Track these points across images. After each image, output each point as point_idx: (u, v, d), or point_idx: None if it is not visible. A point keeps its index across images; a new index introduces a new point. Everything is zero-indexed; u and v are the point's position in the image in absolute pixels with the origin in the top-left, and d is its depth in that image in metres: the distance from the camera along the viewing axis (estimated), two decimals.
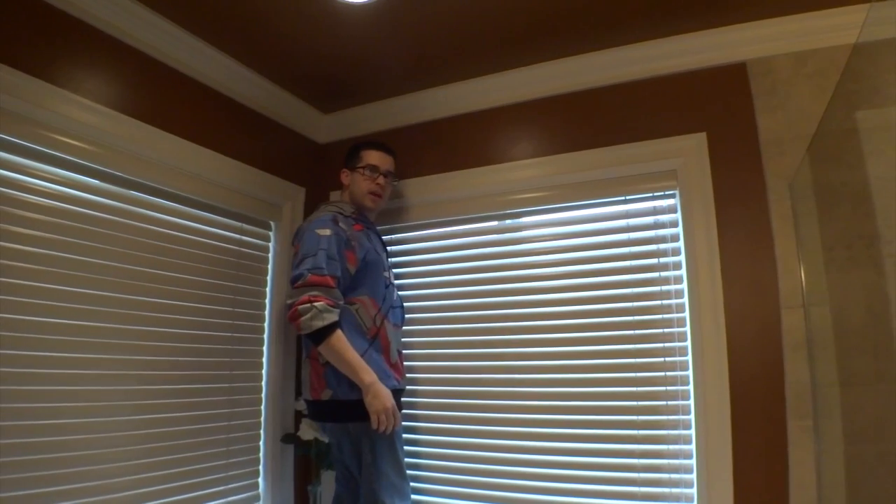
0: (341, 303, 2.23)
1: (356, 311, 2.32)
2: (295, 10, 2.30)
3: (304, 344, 2.43)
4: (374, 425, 2.15)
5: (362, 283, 2.36)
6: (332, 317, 2.14)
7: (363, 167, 2.54)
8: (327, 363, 2.23)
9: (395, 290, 2.56)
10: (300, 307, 2.12)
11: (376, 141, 2.67)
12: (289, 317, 2.16)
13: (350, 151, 2.63)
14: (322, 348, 2.16)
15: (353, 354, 2.17)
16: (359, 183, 2.54)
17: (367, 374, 2.17)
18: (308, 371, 2.35)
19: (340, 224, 2.35)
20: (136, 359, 2.25)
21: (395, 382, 2.35)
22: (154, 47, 2.37)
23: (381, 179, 2.56)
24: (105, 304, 2.16)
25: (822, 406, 2.11)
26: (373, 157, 2.57)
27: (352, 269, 2.32)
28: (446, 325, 2.87)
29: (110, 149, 2.21)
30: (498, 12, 2.33)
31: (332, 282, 2.19)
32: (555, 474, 2.51)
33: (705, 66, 2.47)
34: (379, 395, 2.16)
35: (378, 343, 2.35)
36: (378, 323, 2.36)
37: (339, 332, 2.16)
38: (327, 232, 2.28)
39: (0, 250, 1.87)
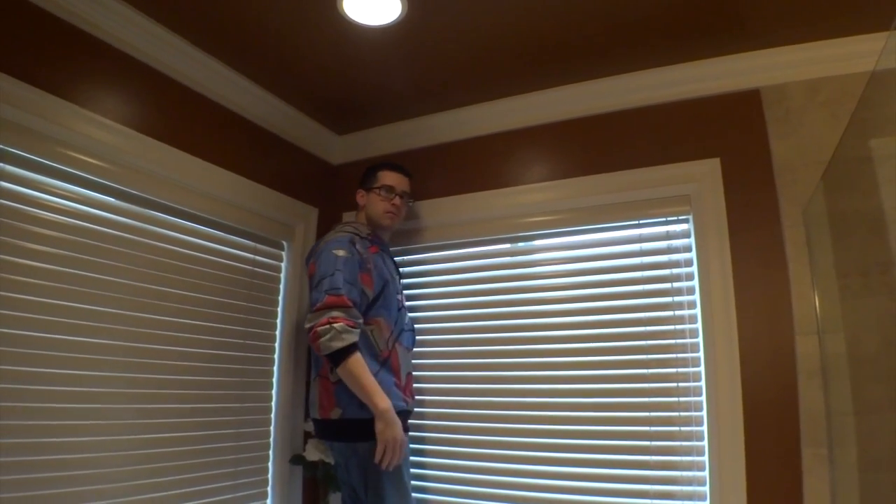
0: (360, 322, 2.22)
1: (371, 332, 2.32)
2: (312, 32, 2.32)
3: (313, 363, 2.43)
4: (379, 456, 2.12)
5: (378, 305, 2.36)
6: (352, 337, 2.14)
7: (379, 188, 2.56)
8: (339, 381, 2.23)
9: (407, 313, 2.56)
10: (320, 329, 2.11)
11: (392, 162, 2.69)
12: (310, 339, 2.15)
13: (366, 173, 2.64)
14: (340, 370, 2.15)
15: (369, 378, 2.15)
16: (375, 203, 2.56)
17: (382, 400, 2.15)
18: (317, 389, 2.34)
19: (357, 246, 2.36)
20: (147, 377, 2.25)
21: (403, 404, 2.34)
22: (171, 67, 2.40)
23: (396, 200, 2.59)
24: (115, 322, 2.16)
25: (836, 434, 2.09)
26: (389, 177, 2.60)
27: (369, 291, 2.33)
28: (457, 347, 2.86)
29: (126, 167, 2.23)
30: (512, 37, 2.36)
31: (349, 301, 2.19)
32: (566, 500, 2.49)
33: (720, 92, 2.49)
34: (391, 423, 2.14)
35: (389, 365, 2.34)
36: (390, 346, 2.37)
37: (357, 355, 2.15)
38: (343, 253, 2.29)
39: (16, 266, 1.88)
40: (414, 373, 2.61)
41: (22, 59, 1.90)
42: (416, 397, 2.61)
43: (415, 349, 2.62)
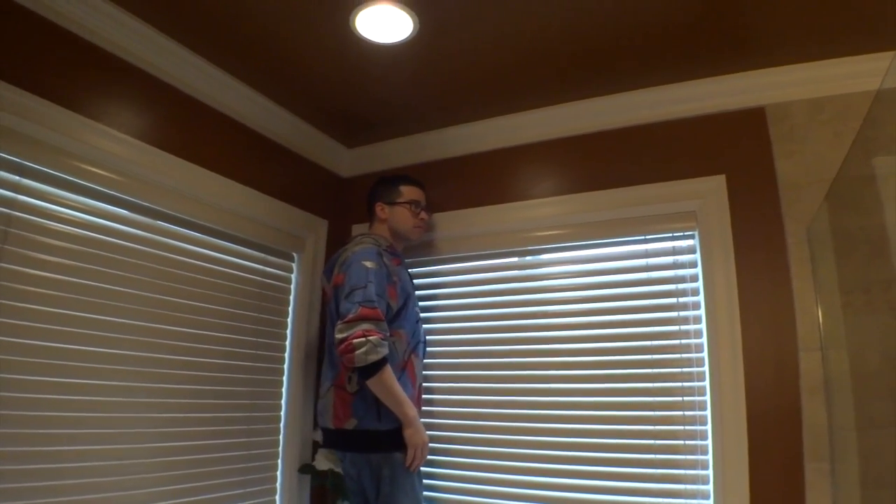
0: (388, 334, 2.25)
1: (393, 343, 2.34)
2: (322, 46, 2.37)
3: (326, 372, 2.45)
4: (409, 459, 2.22)
5: (401, 317, 2.40)
6: (385, 350, 2.17)
7: (407, 202, 2.63)
8: (357, 392, 2.26)
9: (421, 325, 2.58)
10: (355, 341, 2.12)
11: (409, 176, 2.74)
12: (341, 350, 2.14)
13: (384, 185, 2.69)
14: (372, 381, 2.18)
15: (399, 388, 2.23)
16: (404, 217, 2.62)
17: (411, 409, 2.24)
18: (331, 400, 2.36)
19: (384, 258, 2.40)
20: (158, 387, 2.29)
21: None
22: (183, 81, 2.45)
23: (423, 214, 2.69)
24: (128, 332, 2.20)
25: (839, 449, 2.11)
26: (414, 192, 2.67)
27: (393, 304, 2.36)
28: (465, 359, 2.89)
29: (137, 179, 2.27)
30: (521, 56, 2.39)
31: (381, 315, 2.22)
32: None
33: (725, 109, 2.52)
34: (420, 430, 2.26)
35: (406, 376, 2.37)
36: (406, 356, 2.39)
37: (388, 367, 2.20)
38: (373, 265, 2.32)
39: (29, 278, 1.92)
40: (426, 384, 2.63)
41: (38, 74, 1.94)
42: (428, 407, 2.64)
43: (426, 360, 2.65)
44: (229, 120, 2.68)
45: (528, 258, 2.90)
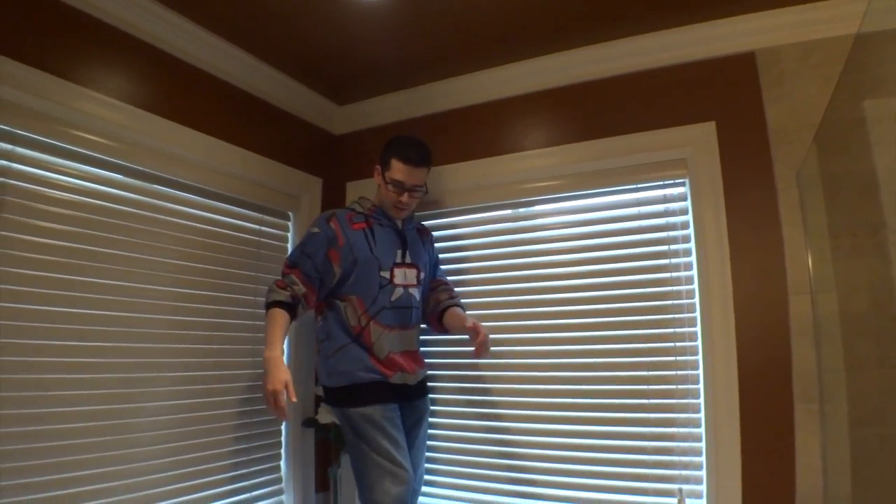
0: (296, 287, 2.27)
1: (344, 308, 2.36)
2: (310, 4, 2.35)
3: None
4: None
5: (350, 282, 2.36)
6: (275, 296, 2.26)
7: (389, 181, 2.43)
8: (319, 350, 2.40)
9: (402, 289, 2.44)
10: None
11: (410, 150, 2.43)
12: None
13: (385, 150, 2.48)
14: None
15: (272, 329, 2.21)
16: (385, 192, 2.46)
17: (267, 349, 2.16)
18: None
19: (332, 223, 2.37)
20: (160, 347, 2.34)
21: (380, 377, 2.32)
22: (173, 45, 2.44)
23: (405, 196, 2.43)
24: (127, 295, 2.24)
25: (827, 390, 2.15)
26: (402, 172, 2.40)
27: (336, 268, 2.34)
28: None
29: (131, 144, 2.29)
30: (509, 6, 2.37)
31: (289, 271, 2.31)
32: (565, 456, 2.59)
33: (715, 55, 2.50)
34: (268, 372, 2.12)
35: (362, 341, 2.35)
36: (363, 323, 2.35)
37: (275, 310, 2.24)
38: (316, 230, 2.37)
39: (27, 245, 1.96)
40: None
41: (25, 43, 1.94)
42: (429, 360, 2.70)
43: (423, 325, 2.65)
44: (220, 81, 2.68)
45: (521, 210, 2.91)
